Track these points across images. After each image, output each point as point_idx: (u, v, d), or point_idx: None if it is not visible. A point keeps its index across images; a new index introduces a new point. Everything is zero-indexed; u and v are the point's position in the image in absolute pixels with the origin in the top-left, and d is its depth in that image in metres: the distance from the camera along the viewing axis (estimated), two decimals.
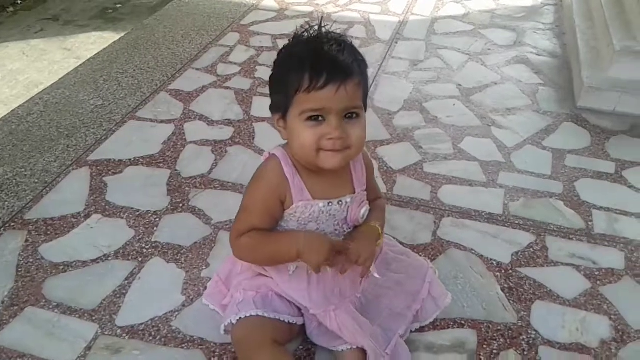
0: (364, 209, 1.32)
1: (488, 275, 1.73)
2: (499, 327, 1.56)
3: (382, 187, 2.06)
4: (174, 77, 2.75)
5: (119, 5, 4.38)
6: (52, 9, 4.30)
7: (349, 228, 1.33)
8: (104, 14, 4.25)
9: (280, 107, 1.19)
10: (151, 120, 2.42)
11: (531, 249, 1.83)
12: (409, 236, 1.86)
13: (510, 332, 1.55)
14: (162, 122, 2.41)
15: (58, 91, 2.62)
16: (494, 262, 1.78)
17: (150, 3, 4.31)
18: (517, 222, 1.95)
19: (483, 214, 1.98)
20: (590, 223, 1.95)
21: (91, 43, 3.76)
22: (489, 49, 3.12)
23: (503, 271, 1.74)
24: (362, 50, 1.21)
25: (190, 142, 2.28)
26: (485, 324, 1.56)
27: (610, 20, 2.75)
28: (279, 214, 1.27)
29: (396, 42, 3.17)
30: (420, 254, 1.73)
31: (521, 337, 1.53)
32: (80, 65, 2.87)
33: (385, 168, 2.18)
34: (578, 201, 2.05)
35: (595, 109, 2.58)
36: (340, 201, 1.28)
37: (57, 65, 3.47)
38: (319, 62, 1.11)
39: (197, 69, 2.84)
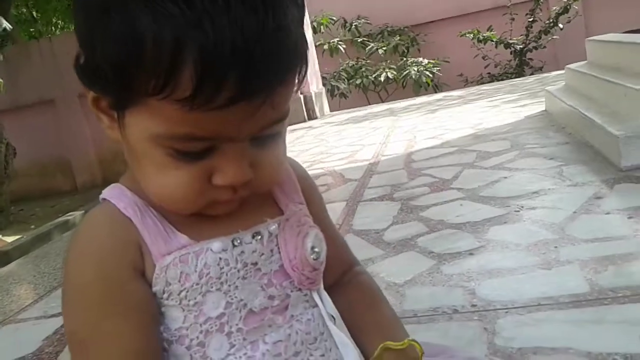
0: (311, 237, 0.58)
1: None
2: None
3: None
4: None
5: None
6: None
7: (298, 289, 0.58)
8: None
9: (100, 86, 0.50)
10: None
11: None
12: None
13: None
14: None
15: None
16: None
17: None
18: (619, 294, 1.13)
19: (561, 298, 1.16)
20: None
21: None
22: (483, 157, 2.52)
23: None
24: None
25: None
26: None
27: (612, 72, 2.23)
28: (151, 306, 0.53)
29: (370, 177, 2.56)
30: None
31: None
32: None
33: (383, 284, 1.39)
34: None
35: None
36: (258, 233, 0.56)
37: None
38: (221, 45, 0.43)
39: None
